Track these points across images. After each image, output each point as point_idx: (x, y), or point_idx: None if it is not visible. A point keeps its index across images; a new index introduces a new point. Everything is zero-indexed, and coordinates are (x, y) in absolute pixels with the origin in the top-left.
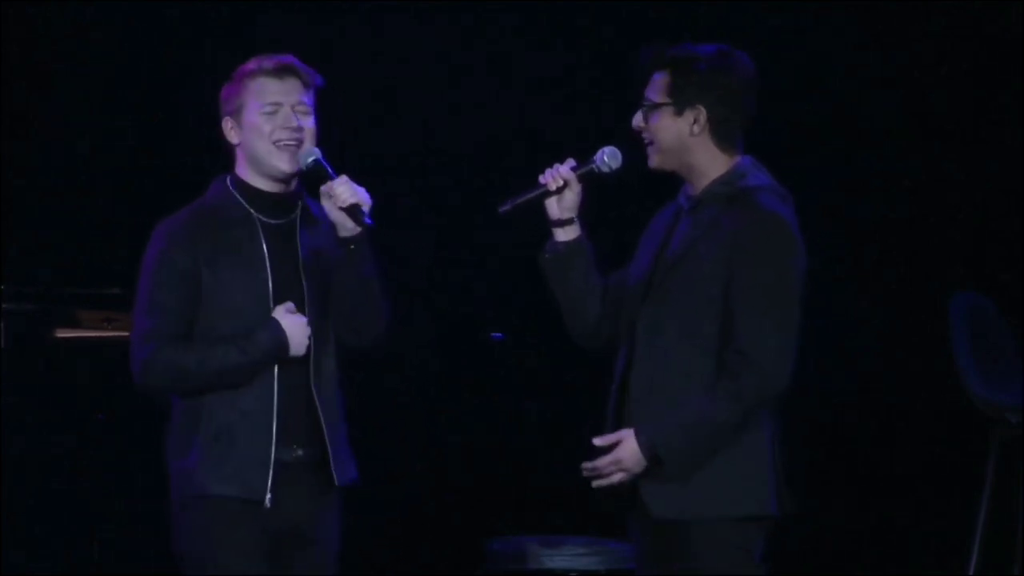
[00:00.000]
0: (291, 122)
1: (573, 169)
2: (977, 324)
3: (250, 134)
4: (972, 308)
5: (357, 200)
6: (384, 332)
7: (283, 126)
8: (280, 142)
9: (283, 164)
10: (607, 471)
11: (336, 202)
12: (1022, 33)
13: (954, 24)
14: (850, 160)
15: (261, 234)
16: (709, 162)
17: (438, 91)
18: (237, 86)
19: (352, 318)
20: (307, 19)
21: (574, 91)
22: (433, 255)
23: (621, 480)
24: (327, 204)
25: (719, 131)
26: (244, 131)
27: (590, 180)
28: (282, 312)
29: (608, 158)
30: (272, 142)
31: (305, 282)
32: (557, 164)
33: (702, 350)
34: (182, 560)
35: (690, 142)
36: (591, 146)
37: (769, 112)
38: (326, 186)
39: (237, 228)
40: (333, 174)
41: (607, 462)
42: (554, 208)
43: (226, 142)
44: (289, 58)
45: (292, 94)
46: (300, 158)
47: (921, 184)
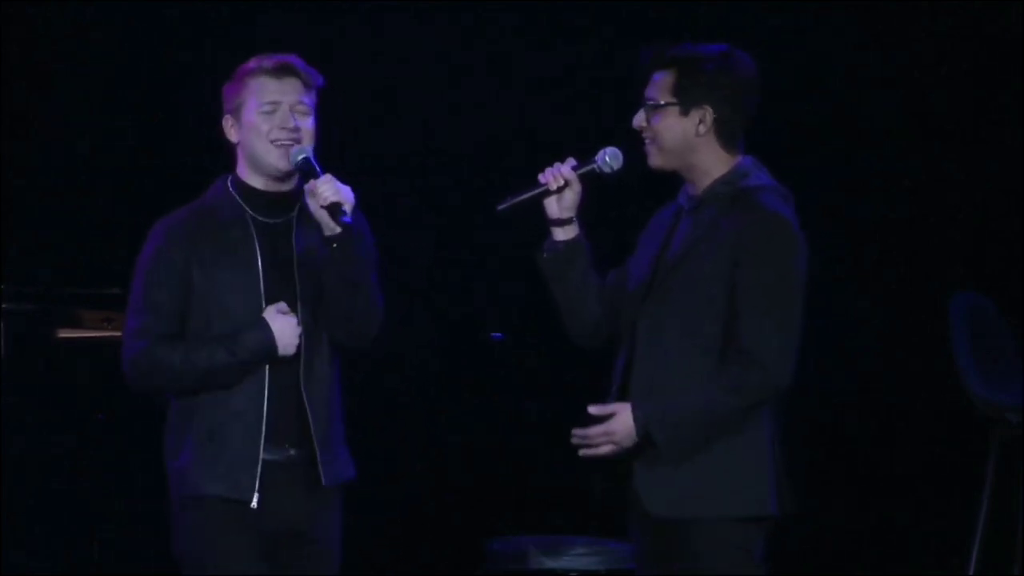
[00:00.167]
0: (288, 122)
1: (574, 169)
2: (977, 324)
3: (248, 133)
4: (972, 308)
5: (338, 199)
6: (375, 335)
7: (280, 126)
8: (277, 141)
9: (280, 163)
10: (597, 441)
11: (318, 200)
12: (1022, 33)
13: (954, 24)
14: (850, 160)
15: (255, 234)
16: (712, 162)
17: (438, 91)
18: (237, 84)
19: (339, 319)
20: (307, 19)
21: (574, 91)
22: (433, 255)
23: (608, 453)
24: (311, 202)
25: (724, 131)
26: (243, 129)
27: (590, 180)
28: (272, 313)
29: (610, 158)
30: (269, 141)
31: (298, 281)
32: (558, 163)
33: (703, 350)
34: (181, 560)
35: (695, 142)
36: (591, 146)
37: (769, 112)
38: (310, 184)
39: (231, 228)
40: (320, 172)
41: (598, 432)
42: (554, 207)
43: (227, 141)
44: (290, 58)
45: (291, 94)
46: (291, 156)
47: (921, 184)
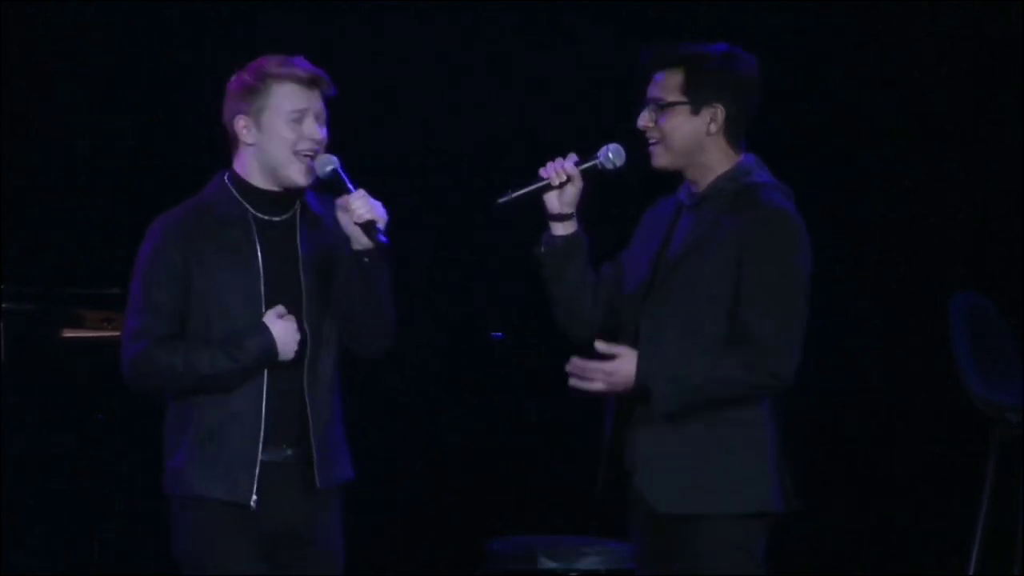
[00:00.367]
0: (315, 133)
1: (576, 164)
2: (977, 324)
3: (270, 139)
4: (972, 308)
5: (373, 216)
6: (390, 345)
7: (307, 136)
8: (301, 152)
9: (299, 176)
10: (592, 375)
11: (352, 217)
12: (1022, 33)
13: (954, 24)
14: (850, 160)
15: (256, 232)
16: (718, 160)
17: (438, 91)
18: (258, 85)
19: (359, 330)
20: (307, 19)
21: (574, 91)
22: (433, 255)
23: (598, 390)
24: (342, 217)
25: (731, 130)
26: (263, 134)
27: (592, 176)
28: (272, 317)
29: (613, 155)
30: (293, 151)
31: (304, 281)
32: (560, 158)
33: (707, 349)
34: (181, 561)
35: (704, 141)
36: (591, 146)
37: (769, 112)
38: (343, 200)
39: (232, 226)
40: (352, 187)
41: (597, 367)
42: (554, 202)
43: (229, 137)
44: (318, 68)
45: (315, 103)
46: (318, 166)
47: (921, 184)
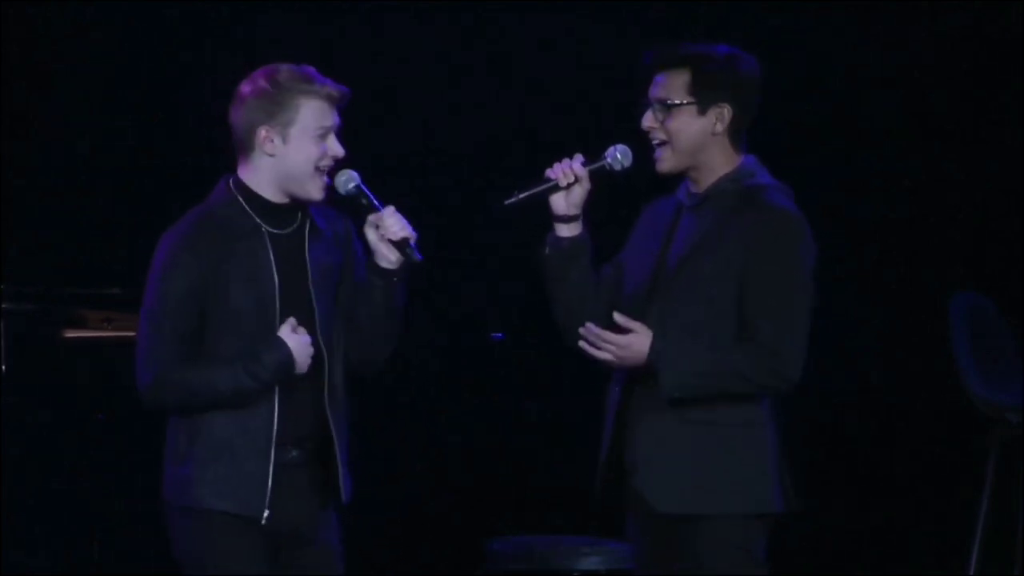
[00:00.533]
0: (339, 150)
1: (583, 165)
2: (977, 324)
3: (294, 153)
4: (972, 308)
5: (407, 234)
6: (389, 357)
7: (330, 154)
8: (323, 168)
9: (317, 192)
10: (603, 344)
11: (385, 234)
12: (1022, 33)
13: (954, 24)
14: (850, 160)
15: (270, 247)
16: (721, 161)
17: (438, 91)
18: (286, 99)
19: (366, 343)
20: (307, 19)
21: (574, 91)
22: (433, 255)
23: (605, 360)
24: (371, 233)
25: (735, 130)
26: (287, 147)
27: (599, 177)
28: (288, 332)
29: (620, 155)
30: (316, 167)
31: (315, 297)
32: (567, 159)
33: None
34: (182, 562)
35: (709, 141)
36: (591, 146)
37: (769, 112)
38: (374, 216)
39: (245, 240)
40: (379, 204)
41: (612, 338)
42: (560, 203)
43: (240, 142)
44: (341, 84)
45: (336, 118)
46: (340, 183)
47: (921, 184)
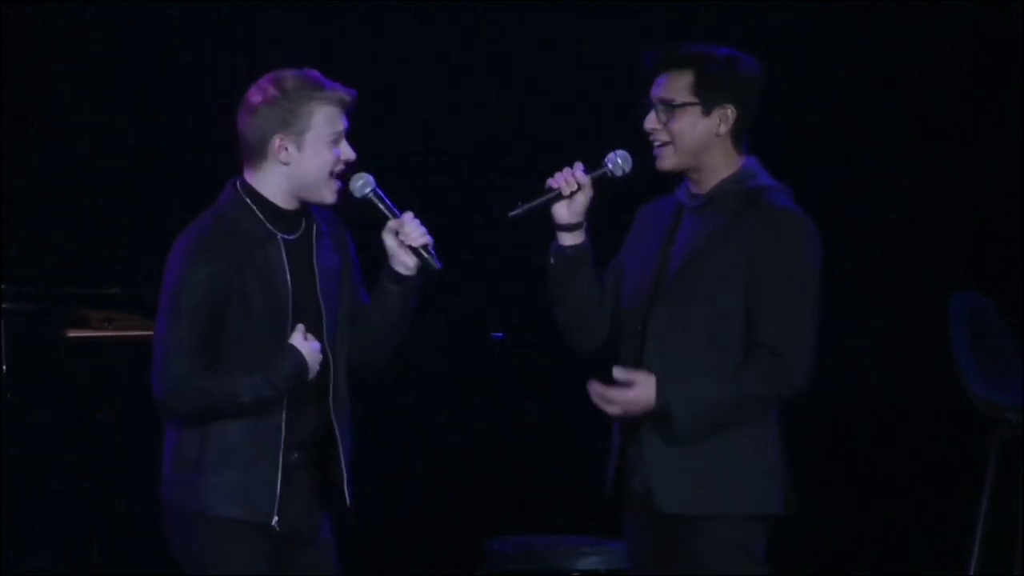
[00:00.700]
0: (351, 154)
1: (584, 172)
2: (977, 324)
3: (310, 159)
4: (972, 308)
5: (426, 240)
6: (388, 360)
7: (343, 157)
8: (336, 173)
9: (331, 196)
10: (611, 402)
11: (406, 240)
12: (1022, 33)
13: (954, 24)
14: (850, 160)
15: (284, 253)
16: (724, 162)
17: (438, 91)
18: (297, 105)
19: (372, 346)
20: (307, 19)
21: (574, 91)
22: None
23: (616, 414)
24: (390, 239)
25: (737, 131)
26: (303, 155)
27: (599, 183)
28: (299, 339)
29: (621, 161)
30: (331, 172)
31: (323, 303)
32: (568, 168)
33: (721, 351)
34: (184, 566)
35: (712, 142)
36: (591, 147)
37: (769, 112)
38: (395, 223)
39: (260, 247)
40: (396, 210)
41: (617, 395)
42: (563, 212)
43: (251, 151)
44: (353, 90)
45: (345, 122)
46: (355, 187)
47: (921, 184)
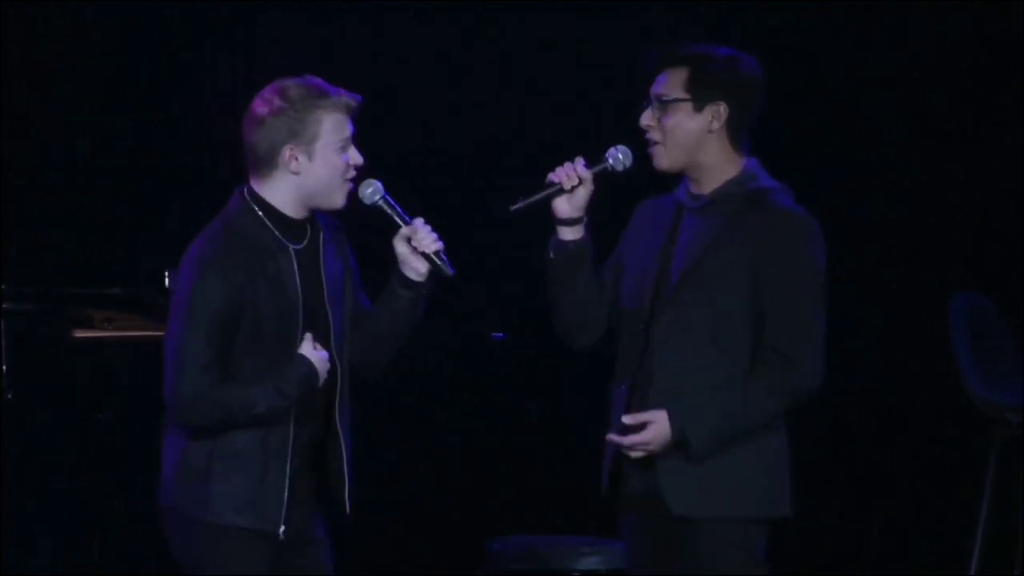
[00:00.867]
0: (359, 159)
1: (585, 167)
2: (977, 324)
3: (321, 168)
4: (972, 308)
5: (440, 246)
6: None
7: (352, 163)
8: (347, 179)
9: (342, 200)
10: (631, 449)
11: (419, 246)
12: (1022, 33)
13: (954, 24)
14: (850, 160)
15: (295, 264)
16: (721, 161)
17: (438, 91)
18: (305, 114)
19: (376, 349)
20: (307, 19)
21: (574, 91)
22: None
23: (638, 457)
24: (402, 245)
25: (734, 130)
26: (313, 163)
27: (600, 179)
28: (308, 348)
29: (622, 156)
30: (342, 178)
31: (331, 312)
32: (569, 163)
33: (730, 353)
34: (185, 567)
35: (706, 139)
36: (590, 147)
37: (769, 112)
38: (407, 229)
39: (272, 258)
40: (406, 216)
41: (635, 441)
42: (564, 207)
43: (259, 161)
44: (358, 95)
45: (351, 128)
46: (365, 194)
47: (921, 184)
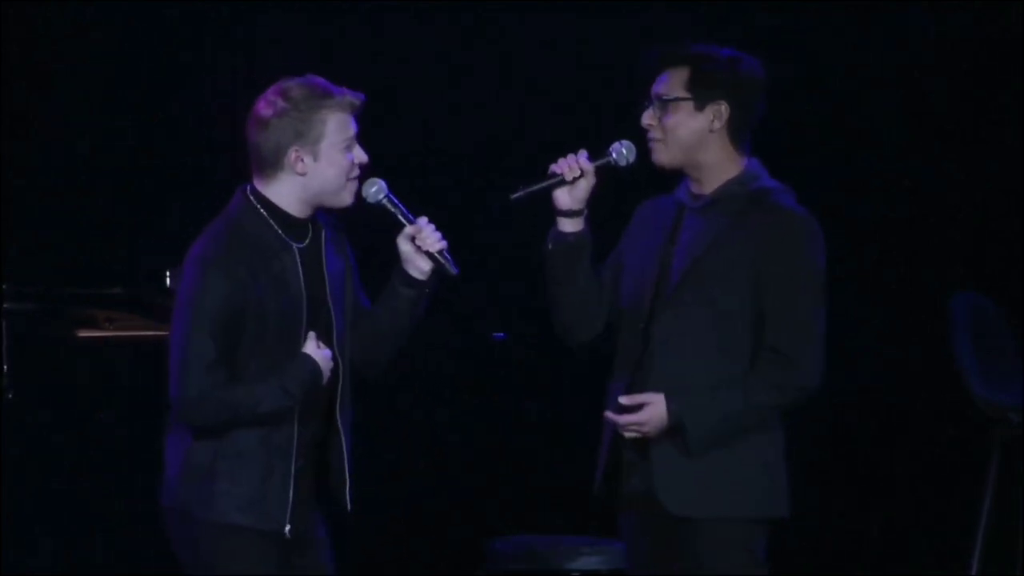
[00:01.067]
0: (364, 157)
1: (589, 160)
2: (978, 324)
3: (327, 168)
4: (973, 308)
5: (444, 245)
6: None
7: (357, 161)
8: (352, 177)
9: (349, 198)
10: (625, 428)
11: (423, 245)
12: (1022, 33)
13: (954, 24)
14: (850, 160)
15: (299, 263)
16: (722, 161)
17: (438, 91)
18: (310, 115)
19: (377, 348)
20: (307, 19)
21: (574, 91)
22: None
23: (631, 437)
24: (405, 244)
25: (735, 129)
26: (319, 164)
27: (602, 174)
28: (312, 347)
29: (625, 151)
30: (348, 177)
31: (334, 311)
32: (572, 154)
33: (730, 353)
34: (187, 567)
35: (707, 139)
36: (591, 147)
37: (769, 112)
38: (411, 228)
39: (277, 257)
40: (410, 215)
41: (629, 420)
42: (565, 198)
43: (264, 162)
44: (361, 93)
45: (355, 126)
46: (369, 193)
47: (921, 184)
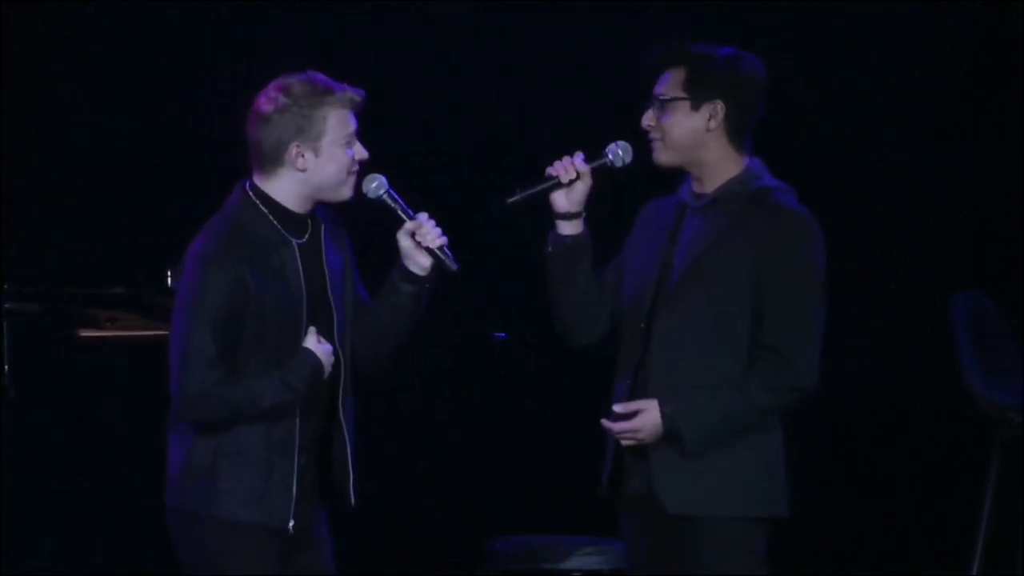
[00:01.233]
0: (364, 152)
1: (585, 162)
2: (978, 324)
3: (328, 163)
4: (973, 308)
5: (444, 241)
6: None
7: (357, 158)
8: (352, 173)
9: (349, 192)
10: (621, 436)
11: (424, 241)
12: (1022, 33)
13: (954, 24)
14: (850, 160)
15: (299, 258)
16: (722, 160)
17: (438, 91)
18: (314, 112)
19: (378, 344)
20: (307, 19)
21: (574, 91)
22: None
23: (628, 444)
24: (405, 240)
25: (734, 129)
26: (320, 159)
27: (600, 175)
28: (313, 342)
29: (622, 152)
30: (348, 173)
31: (334, 306)
32: (568, 156)
33: (729, 352)
34: (190, 566)
35: (705, 138)
36: (590, 147)
37: (769, 112)
38: (412, 224)
39: (276, 253)
40: (410, 211)
41: (624, 428)
42: (562, 201)
43: (265, 159)
44: (361, 89)
45: (355, 123)
46: (369, 188)
47: (921, 184)
